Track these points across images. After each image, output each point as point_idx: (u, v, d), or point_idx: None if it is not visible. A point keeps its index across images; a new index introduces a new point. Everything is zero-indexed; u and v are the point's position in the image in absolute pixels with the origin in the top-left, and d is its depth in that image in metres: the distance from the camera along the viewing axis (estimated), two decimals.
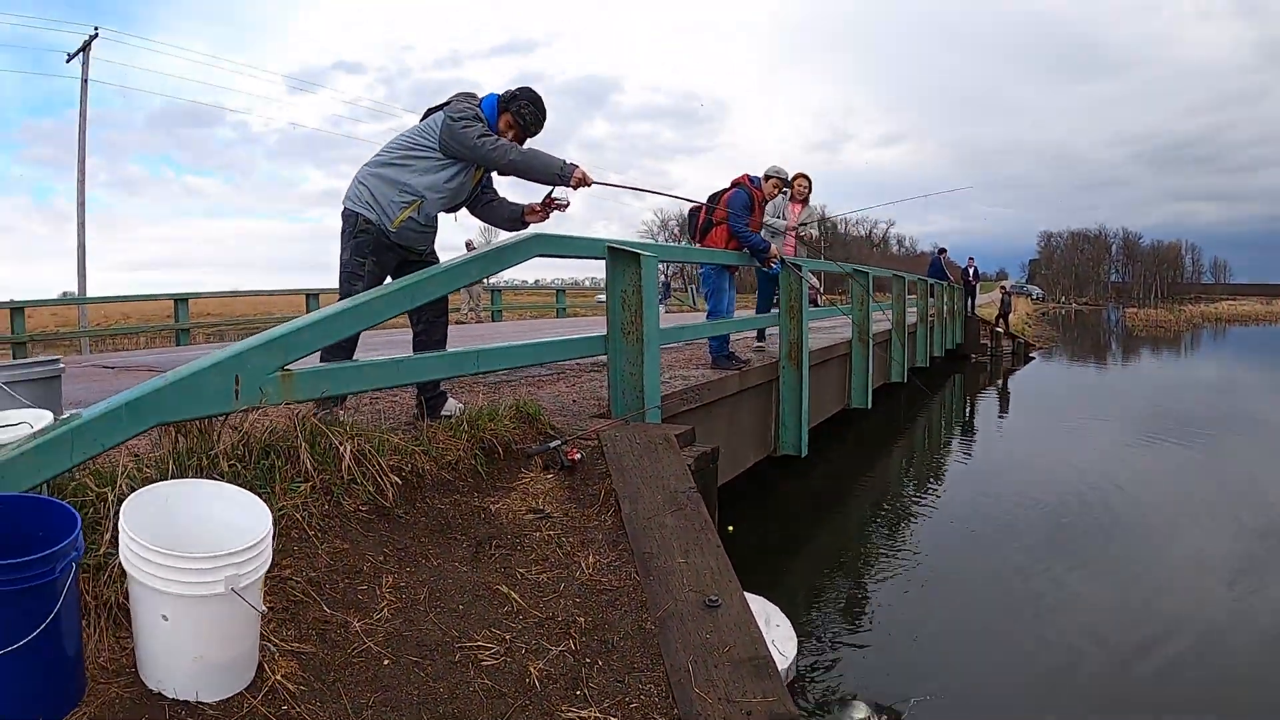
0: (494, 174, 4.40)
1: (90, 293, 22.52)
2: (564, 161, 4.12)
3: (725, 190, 7.59)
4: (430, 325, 4.31)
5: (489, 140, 4.04)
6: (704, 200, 7.45)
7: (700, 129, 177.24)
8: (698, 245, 7.63)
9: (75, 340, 18.12)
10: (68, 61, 23.68)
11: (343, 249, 4.09)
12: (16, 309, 13.71)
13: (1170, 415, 15.57)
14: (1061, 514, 8.83)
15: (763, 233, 7.74)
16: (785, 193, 8.48)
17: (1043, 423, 15.70)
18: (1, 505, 2.06)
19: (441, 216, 4.32)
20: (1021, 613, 6.30)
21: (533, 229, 4.46)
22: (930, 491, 10.28)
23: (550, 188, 4.30)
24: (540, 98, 4.32)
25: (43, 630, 1.85)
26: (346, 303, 3.37)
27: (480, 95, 4.28)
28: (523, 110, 4.24)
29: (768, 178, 7.81)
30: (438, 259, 4.33)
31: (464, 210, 4.49)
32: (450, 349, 4.23)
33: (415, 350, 4.18)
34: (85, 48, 23.23)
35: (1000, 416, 16.71)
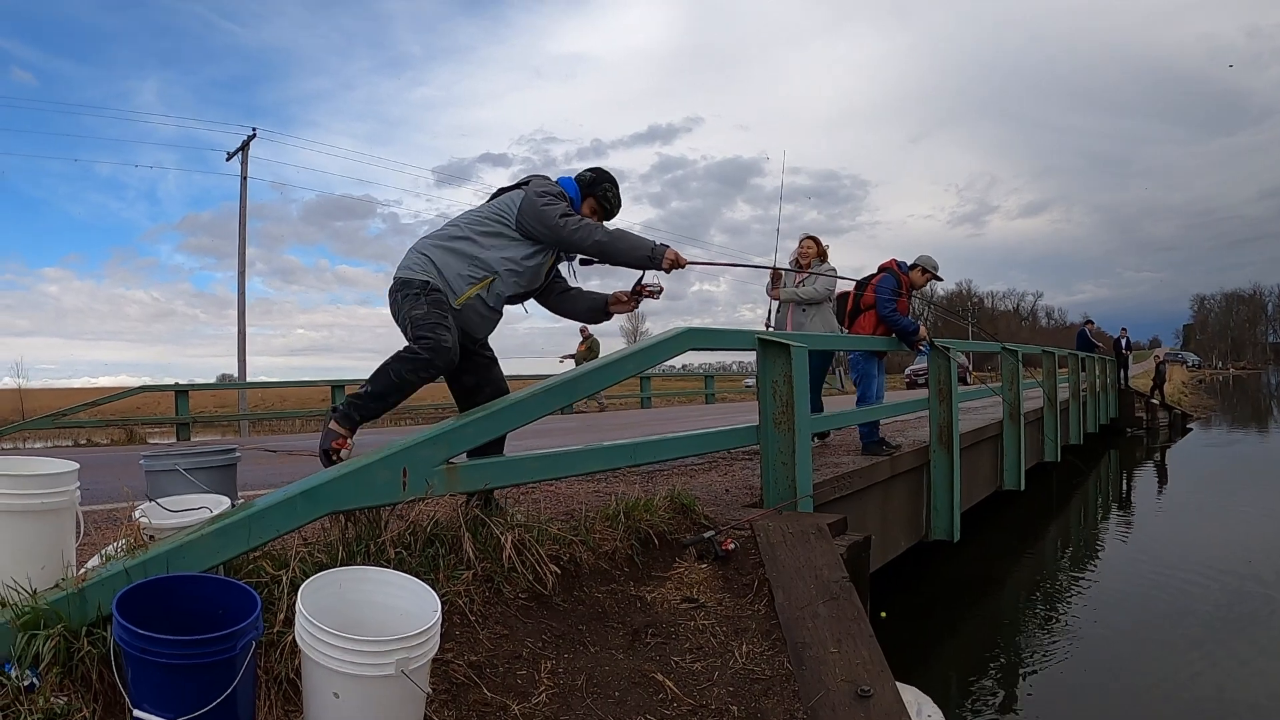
0: (567, 262, 3.78)
1: (248, 376, 23.08)
2: (654, 242, 3.51)
3: (873, 275, 7.39)
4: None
5: (573, 219, 3.43)
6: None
7: (843, 208, 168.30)
8: (846, 329, 7.45)
9: (234, 422, 18.92)
10: (227, 160, 24.35)
11: (413, 306, 3.30)
12: (181, 391, 14.55)
13: None
14: (1231, 596, 7.74)
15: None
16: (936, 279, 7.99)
17: (1204, 497, 14.04)
18: (190, 584, 2.13)
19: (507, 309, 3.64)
20: (1191, 708, 5.54)
21: (683, 322, 4.28)
22: (1087, 573, 9.29)
23: (640, 273, 3.64)
24: (617, 181, 3.76)
25: (221, 701, 1.87)
26: (502, 402, 3.34)
27: (555, 178, 3.70)
28: (608, 194, 3.69)
29: (915, 266, 7.55)
30: (492, 350, 3.73)
31: (532, 301, 3.79)
32: (607, 442, 4.19)
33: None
34: (244, 147, 23.88)
35: (1159, 492, 15.16)
